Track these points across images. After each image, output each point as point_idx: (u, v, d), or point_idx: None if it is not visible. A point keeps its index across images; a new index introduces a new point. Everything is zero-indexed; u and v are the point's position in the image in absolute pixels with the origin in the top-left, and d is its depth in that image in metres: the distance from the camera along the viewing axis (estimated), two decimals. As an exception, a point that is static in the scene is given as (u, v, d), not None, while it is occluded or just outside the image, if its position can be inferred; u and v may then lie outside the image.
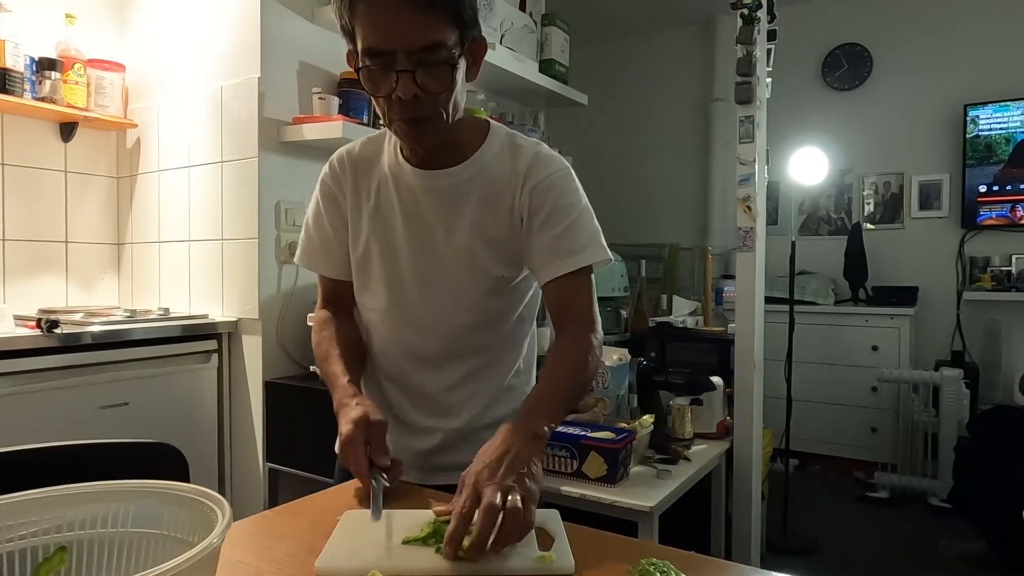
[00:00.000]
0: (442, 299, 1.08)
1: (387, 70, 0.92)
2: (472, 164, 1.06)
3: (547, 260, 1.04)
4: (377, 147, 1.13)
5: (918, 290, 3.83)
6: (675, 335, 2.64)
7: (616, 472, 1.69)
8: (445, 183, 1.06)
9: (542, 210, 1.04)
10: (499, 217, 1.05)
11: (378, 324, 1.14)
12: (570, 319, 1.05)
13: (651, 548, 0.88)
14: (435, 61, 0.92)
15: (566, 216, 1.04)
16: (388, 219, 1.09)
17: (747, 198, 2.19)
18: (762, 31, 2.17)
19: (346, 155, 1.14)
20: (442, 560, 0.74)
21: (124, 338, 1.94)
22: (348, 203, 1.12)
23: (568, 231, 1.04)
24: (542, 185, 1.05)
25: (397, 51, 0.90)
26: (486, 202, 1.05)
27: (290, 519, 0.89)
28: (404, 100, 0.92)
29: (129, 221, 2.54)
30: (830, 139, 4.02)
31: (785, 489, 2.95)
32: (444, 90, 0.94)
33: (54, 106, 2.21)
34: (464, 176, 1.06)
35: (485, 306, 1.09)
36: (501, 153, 1.07)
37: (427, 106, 0.94)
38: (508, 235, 1.06)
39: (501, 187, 1.05)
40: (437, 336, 1.10)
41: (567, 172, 1.08)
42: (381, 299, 1.11)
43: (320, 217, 1.15)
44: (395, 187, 1.08)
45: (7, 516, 0.58)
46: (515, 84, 2.69)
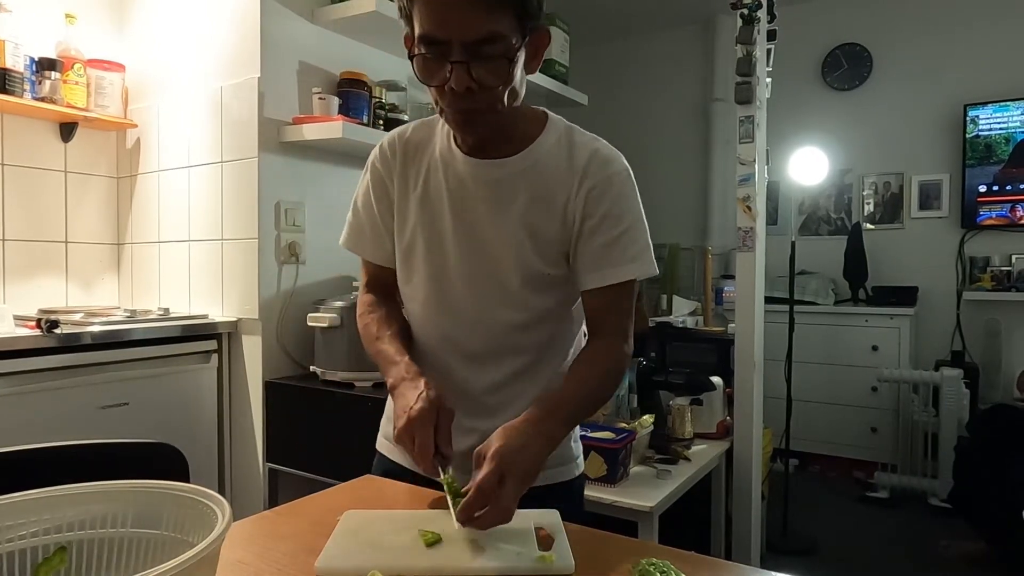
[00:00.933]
0: (488, 294, 1.04)
1: (442, 60, 0.89)
2: (527, 156, 1.02)
3: (592, 267, 1.01)
4: (429, 132, 1.09)
5: (918, 290, 3.83)
6: (675, 335, 2.64)
7: (616, 472, 1.69)
8: (497, 173, 1.02)
9: (596, 213, 1.00)
10: (551, 214, 1.01)
11: (421, 317, 1.10)
12: (607, 328, 1.03)
13: (651, 548, 0.88)
14: (492, 54, 0.88)
15: (619, 223, 1.00)
16: (436, 207, 1.05)
17: (747, 198, 2.19)
18: (762, 31, 2.18)
19: (397, 138, 1.10)
20: (442, 560, 0.74)
21: (124, 338, 1.94)
22: (396, 188, 1.09)
23: (619, 240, 1.00)
24: (600, 187, 1.00)
25: (453, 41, 0.87)
26: (539, 197, 1.01)
27: (290, 519, 0.89)
28: (457, 92, 0.89)
29: (129, 221, 2.54)
30: (830, 139, 4.02)
31: (785, 489, 2.95)
32: (499, 84, 0.91)
33: (54, 106, 2.21)
34: (518, 168, 1.02)
35: (532, 304, 1.04)
36: (558, 147, 1.03)
37: (481, 99, 0.91)
38: (559, 233, 1.02)
39: (556, 183, 1.01)
40: (481, 332, 1.06)
41: (626, 175, 1.04)
42: (425, 290, 1.07)
43: (369, 200, 1.11)
44: (444, 174, 1.04)
45: (7, 516, 0.58)
46: (515, 84, 2.68)
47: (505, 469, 0.80)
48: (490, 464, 0.80)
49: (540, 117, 1.06)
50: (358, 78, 2.30)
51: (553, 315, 1.07)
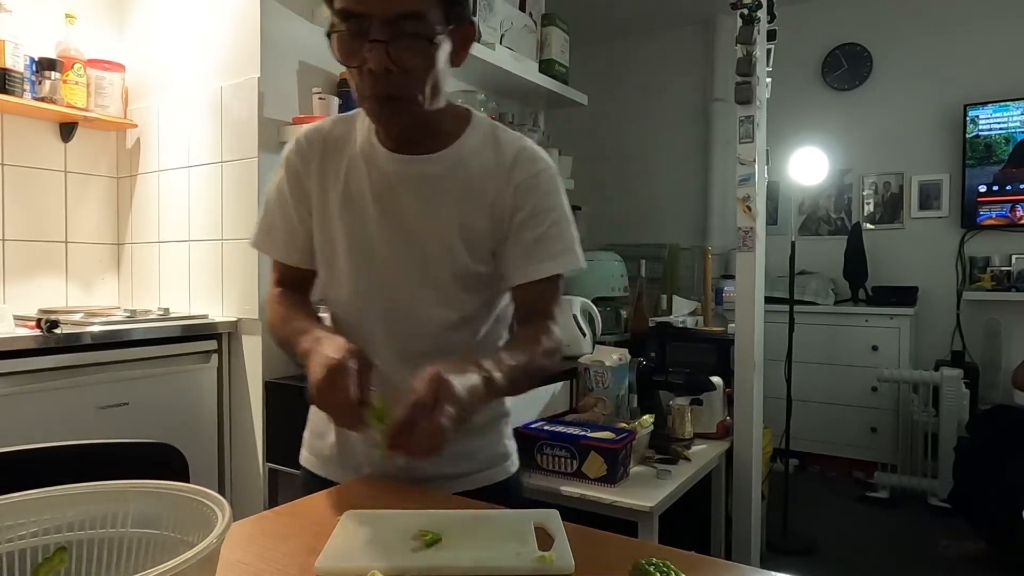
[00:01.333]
0: (417, 294, 1.01)
1: (360, 38, 0.85)
2: (452, 152, 1.00)
3: (521, 263, 1.00)
4: (349, 127, 1.05)
5: (918, 290, 3.83)
6: (675, 335, 2.64)
7: (616, 472, 1.69)
8: (422, 170, 0.99)
9: (524, 209, 0.99)
10: (480, 211, 0.99)
11: (347, 319, 1.07)
12: (536, 316, 1.01)
13: (651, 548, 0.88)
14: (412, 33, 0.85)
15: (546, 219, 1.00)
16: (359, 205, 1.01)
17: (747, 198, 2.19)
18: (762, 31, 2.18)
19: (315, 132, 1.06)
20: (442, 560, 0.74)
21: (124, 338, 1.94)
22: (314, 185, 1.04)
23: (547, 235, 0.99)
24: (528, 183, 0.99)
25: (372, 16, 0.84)
26: (467, 194, 0.99)
27: (290, 519, 0.89)
28: (375, 74, 0.86)
29: (129, 221, 2.54)
30: (830, 139, 4.02)
31: (785, 489, 2.95)
32: (419, 67, 0.88)
33: (54, 106, 2.21)
34: (443, 165, 0.99)
35: (463, 302, 1.03)
36: (483, 144, 1.01)
37: (400, 84, 0.88)
38: (488, 230, 1.00)
39: (484, 180, 0.99)
40: (410, 333, 1.03)
41: (553, 171, 1.03)
42: (350, 292, 1.04)
43: (283, 197, 1.07)
44: (367, 171, 1.01)
45: (7, 516, 0.58)
46: (515, 84, 2.69)
47: (440, 392, 0.77)
48: (425, 385, 0.77)
49: (464, 115, 1.03)
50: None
51: (483, 314, 1.06)
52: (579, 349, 2.33)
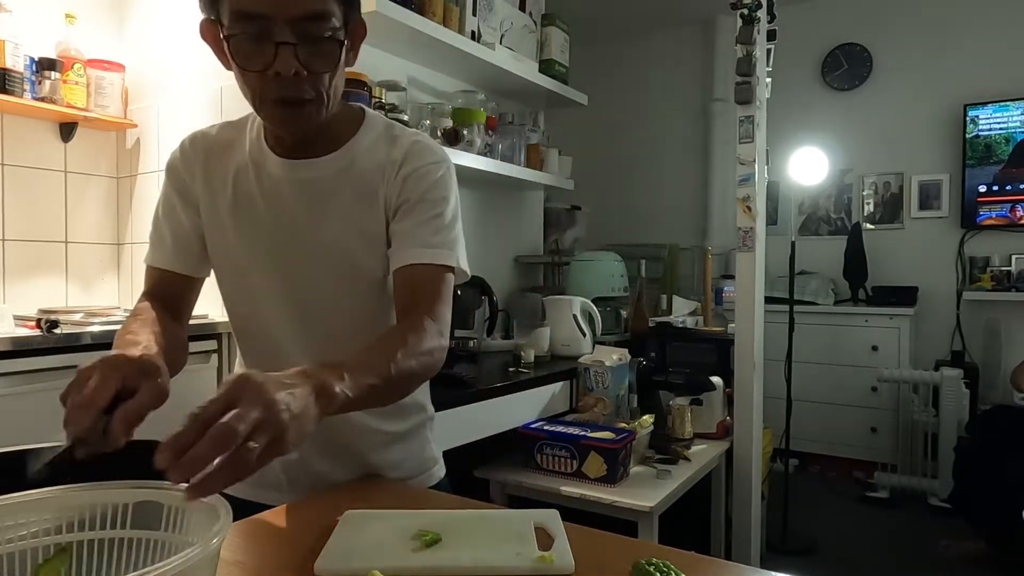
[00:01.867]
0: (317, 302, 0.98)
1: (263, 41, 0.81)
2: (343, 155, 0.96)
3: (397, 248, 0.94)
4: (237, 132, 1.01)
5: (918, 290, 3.83)
6: (675, 335, 2.64)
7: (616, 472, 1.69)
8: (312, 175, 0.95)
9: (410, 199, 0.94)
10: (372, 209, 0.95)
11: (248, 332, 1.04)
12: (418, 310, 0.90)
13: (651, 548, 0.88)
14: (320, 35, 0.82)
15: (433, 209, 0.94)
16: (249, 213, 0.97)
17: (747, 198, 2.19)
18: (762, 31, 2.18)
19: (201, 138, 1.02)
20: (442, 560, 0.74)
21: (124, 338, 1.94)
22: (200, 191, 0.99)
23: (431, 222, 0.94)
24: (416, 174, 0.95)
25: (276, 17, 0.80)
26: (359, 196, 0.95)
27: (290, 519, 0.89)
28: (282, 77, 0.82)
29: (129, 221, 2.54)
30: (830, 139, 4.02)
31: (785, 489, 2.95)
32: (330, 69, 0.85)
33: (54, 106, 2.21)
34: (334, 168, 0.95)
35: (362, 309, 0.99)
36: (376, 144, 0.97)
37: (308, 87, 0.84)
38: (383, 227, 0.96)
39: (375, 177, 0.95)
40: (318, 338, 0.98)
41: (446, 167, 0.98)
42: (249, 304, 1.01)
43: (171, 205, 1.01)
44: (256, 177, 0.97)
45: (7, 516, 0.58)
46: (515, 84, 2.68)
47: (237, 396, 0.60)
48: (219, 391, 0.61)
49: (357, 115, 0.99)
50: (358, 78, 2.29)
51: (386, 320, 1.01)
52: (579, 349, 2.33)
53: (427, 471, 1.10)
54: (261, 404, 0.59)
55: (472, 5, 2.35)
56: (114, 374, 0.68)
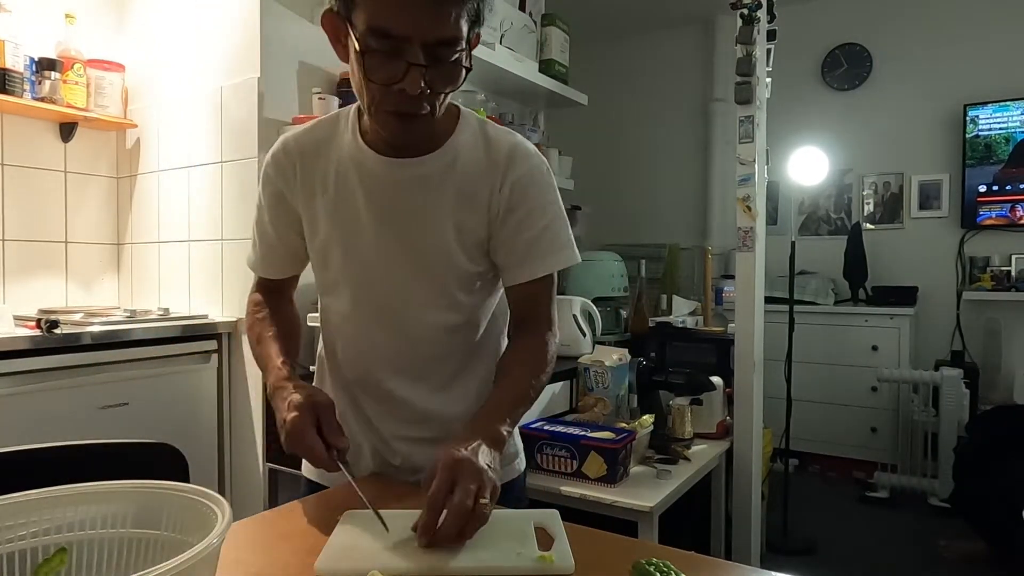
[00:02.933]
0: (418, 297, 1.00)
1: (395, 58, 0.82)
2: (445, 153, 0.98)
3: (519, 261, 0.99)
4: (328, 131, 1.02)
5: (918, 290, 3.83)
6: (675, 335, 2.64)
7: (616, 472, 1.69)
8: (418, 172, 0.97)
9: (520, 207, 0.98)
10: (476, 210, 0.98)
11: (346, 326, 1.06)
12: (533, 320, 1.02)
13: (651, 548, 0.88)
14: (448, 58, 0.85)
15: (543, 216, 0.99)
16: (351, 211, 0.99)
17: (747, 198, 2.19)
18: (762, 31, 2.17)
19: (293, 143, 1.03)
20: (442, 560, 0.74)
21: (124, 338, 1.94)
22: (299, 197, 1.02)
23: (544, 233, 0.99)
24: (523, 181, 0.98)
25: (412, 38, 0.81)
26: (463, 194, 0.98)
27: (290, 519, 0.89)
28: (406, 94, 0.84)
29: (129, 221, 2.54)
30: (830, 139, 4.02)
31: (785, 489, 2.95)
32: (451, 90, 0.89)
33: (54, 106, 2.21)
34: (438, 166, 0.97)
35: (463, 304, 1.02)
36: (475, 142, 0.99)
37: (425, 102, 0.87)
38: (484, 229, 0.99)
39: (477, 178, 0.98)
40: (414, 338, 1.02)
41: (546, 168, 1.03)
42: (348, 299, 1.03)
43: (262, 215, 1.07)
44: (358, 175, 0.98)
45: (7, 516, 0.58)
46: (515, 84, 2.69)
47: (455, 475, 0.77)
48: (439, 475, 0.77)
49: (453, 112, 1.01)
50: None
51: (482, 315, 1.06)
52: (579, 349, 2.33)
53: (509, 463, 1.11)
54: (476, 478, 0.77)
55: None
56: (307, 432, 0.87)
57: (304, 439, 0.86)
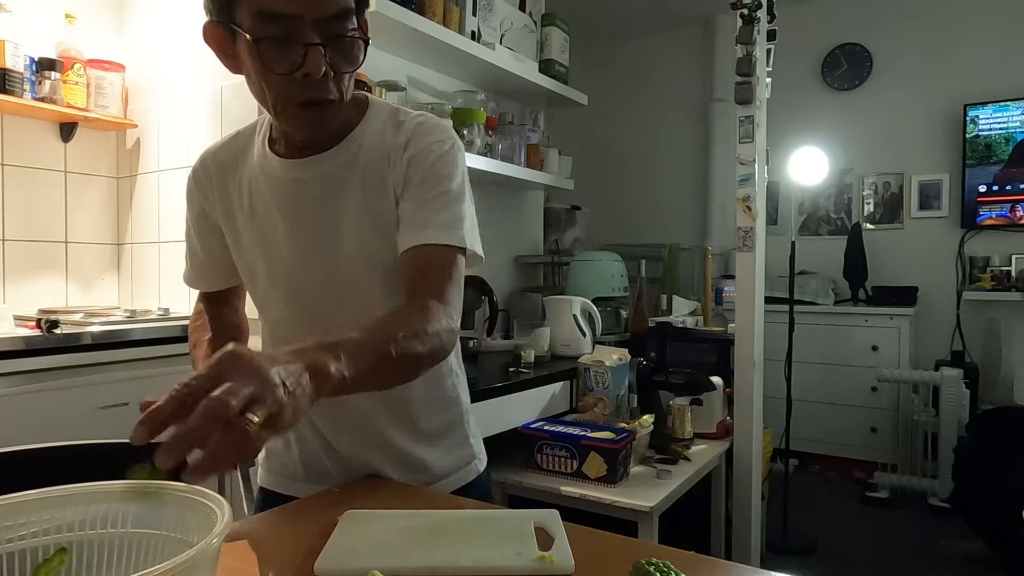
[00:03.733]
0: (348, 299, 0.96)
1: (289, 42, 0.79)
2: (348, 145, 0.93)
3: (408, 227, 0.91)
4: (243, 144, 1.00)
5: (918, 290, 3.83)
6: (675, 335, 2.64)
7: (616, 472, 1.69)
8: (322, 170, 0.93)
9: (415, 177, 0.91)
10: (381, 192, 0.93)
11: (282, 334, 1.02)
12: (424, 291, 0.87)
13: (651, 548, 0.88)
14: (344, 33, 0.81)
15: (437, 186, 0.91)
16: (266, 222, 0.96)
17: (747, 198, 2.19)
18: (762, 31, 2.18)
19: (210, 157, 1.01)
20: (442, 560, 0.74)
21: (124, 338, 1.94)
22: (220, 211, 1.00)
23: (433, 202, 0.90)
24: (422, 153, 0.92)
25: (305, 17, 0.78)
26: (368, 184, 0.93)
27: (290, 519, 0.89)
28: (310, 79, 0.80)
29: (129, 221, 2.54)
30: (830, 139, 4.02)
31: (785, 489, 2.95)
32: (355, 68, 0.85)
33: (54, 106, 2.21)
34: (342, 159, 0.93)
35: (392, 300, 0.94)
36: (383, 129, 0.95)
37: (332, 87, 0.83)
38: (392, 209, 0.93)
39: (381, 161, 0.93)
40: None
41: (451, 143, 0.95)
42: (280, 313, 1.01)
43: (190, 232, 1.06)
44: (267, 184, 0.95)
45: (7, 516, 0.58)
46: (515, 84, 2.68)
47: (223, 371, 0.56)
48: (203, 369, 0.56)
49: (361, 103, 0.97)
50: (358, 78, 2.29)
51: None
52: (579, 349, 2.33)
53: (466, 466, 1.09)
54: (254, 379, 0.56)
55: (472, 5, 2.35)
56: None
57: None
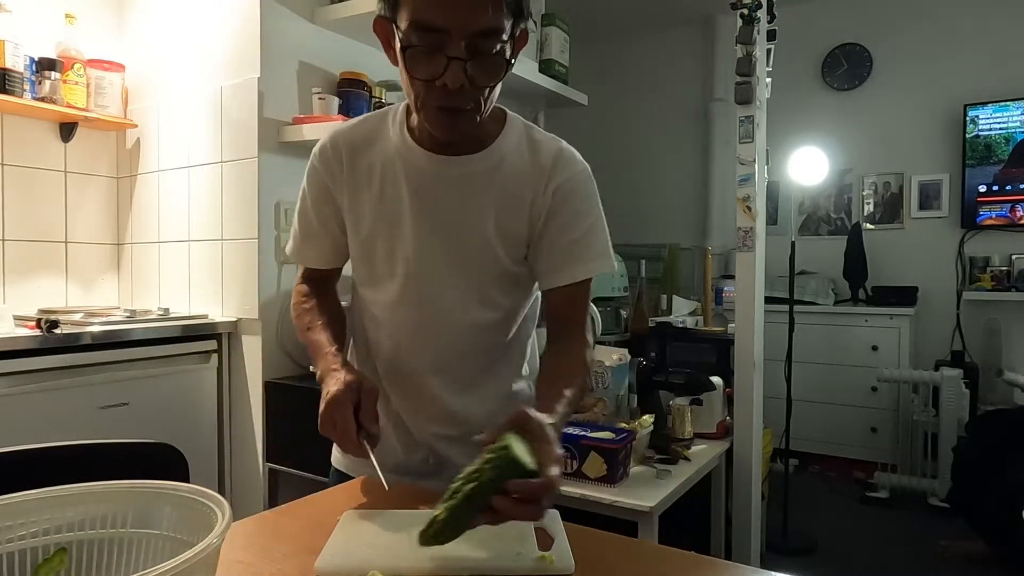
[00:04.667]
0: (457, 294, 1.02)
1: (436, 52, 0.84)
2: (491, 154, 0.99)
3: (559, 265, 1.00)
4: (376, 126, 1.04)
5: (918, 290, 3.83)
6: (675, 335, 2.64)
7: (616, 472, 1.68)
8: (464, 171, 0.99)
9: (562, 212, 1.00)
10: (519, 212, 1.00)
11: (385, 319, 1.06)
12: (571, 323, 1.02)
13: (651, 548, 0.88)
14: (489, 51, 0.85)
15: (584, 221, 1.01)
16: (396, 205, 1.00)
17: (747, 198, 2.19)
18: (762, 31, 2.17)
19: (340, 137, 1.04)
20: (442, 560, 0.74)
21: (124, 338, 1.94)
22: (345, 189, 1.04)
23: (585, 238, 1.01)
24: (567, 186, 1.00)
25: (452, 32, 0.82)
26: (507, 195, 0.99)
27: (290, 519, 0.89)
28: (448, 89, 0.85)
29: (129, 221, 2.54)
30: (830, 139, 4.02)
31: (785, 489, 2.95)
32: (494, 84, 0.89)
33: (54, 106, 2.21)
34: (484, 166, 0.99)
35: (499, 304, 1.04)
36: (520, 145, 1.02)
37: (469, 97, 0.87)
38: (525, 231, 1.01)
39: (522, 181, 1.00)
40: (450, 332, 1.04)
41: (589, 174, 1.05)
42: (389, 293, 1.04)
43: (306, 207, 1.08)
44: (404, 172, 1.00)
45: (7, 516, 0.58)
46: (515, 84, 2.69)
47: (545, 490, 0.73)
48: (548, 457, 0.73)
49: (499, 115, 1.03)
50: (358, 78, 2.30)
51: (515, 314, 1.08)
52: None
53: None
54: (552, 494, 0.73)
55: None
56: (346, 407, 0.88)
57: (339, 413, 0.87)
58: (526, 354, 1.13)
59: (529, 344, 1.14)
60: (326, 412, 0.88)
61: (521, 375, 1.13)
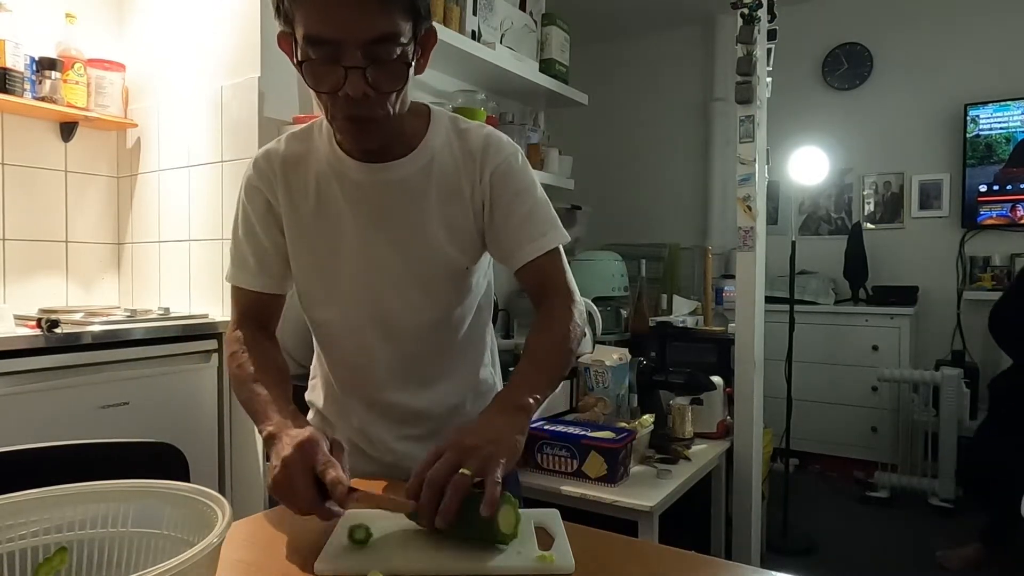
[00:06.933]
0: (412, 299, 1.02)
1: (333, 63, 0.83)
2: (422, 153, 0.99)
3: (519, 243, 1.01)
4: (306, 141, 1.03)
5: (918, 290, 3.83)
6: (675, 335, 2.64)
7: (616, 472, 1.69)
8: (399, 175, 0.98)
9: (504, 195, 1.01)
10: (461, 206, 1.01)
11: (338, 336, 1.06)
12: (548, 294, 1.03)
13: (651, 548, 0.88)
14: (387, 56, 0.84)
15: (528, 198, 1.02)
16: (335, 219, 1.00)
17: (747, 198, 2.19)
18: (762, 31, 2.17)
19: (272, 154, 1.03)
20: (442, 560, 0.74)
21: (124, 338, 1.94)
22: (282, 206, 1.01)
23: (533, 213, 1.02)
24: (500, 169, 1.00)
25: (345, 42, 0.81)
26: (445, 192, 1.00)
27: (290, 519, 0.89)
28: (352, 98, 0.84)
29: (129, 221, 2.54)
30: (830, 139, 4.02)
31: (785, 489, 2.95)
32: (397, 88, 0.87)
33: (54, 106, 2.20)
34: (416, 167, 0.99)
35: (453, 300, 1.05)
36: (448, 138, 1.01)
37: (375, 105, 0.86)
38: (470, 224, 1.02)
39: (457, 174, 1.00)
40: (407, 338, 1.04)
41: (520, 153, 1.05)
42: (336, 310, 1.03)
43: (251, 226, 1.03)
44: (339, 184, 0.99)
45: (7, 516, 0.58)
46: (515, 84, 2.69)
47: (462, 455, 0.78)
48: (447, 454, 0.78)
49: (423, 112, 1.03)
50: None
51: (468, 308, 1.08)
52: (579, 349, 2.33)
53: None
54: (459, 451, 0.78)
55: (472, 5, 2.35)
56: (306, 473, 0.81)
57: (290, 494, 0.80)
58: (486, 344, 1.15)
59: (488, 334, 1.15)
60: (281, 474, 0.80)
61: (484, 363, 1.14)
